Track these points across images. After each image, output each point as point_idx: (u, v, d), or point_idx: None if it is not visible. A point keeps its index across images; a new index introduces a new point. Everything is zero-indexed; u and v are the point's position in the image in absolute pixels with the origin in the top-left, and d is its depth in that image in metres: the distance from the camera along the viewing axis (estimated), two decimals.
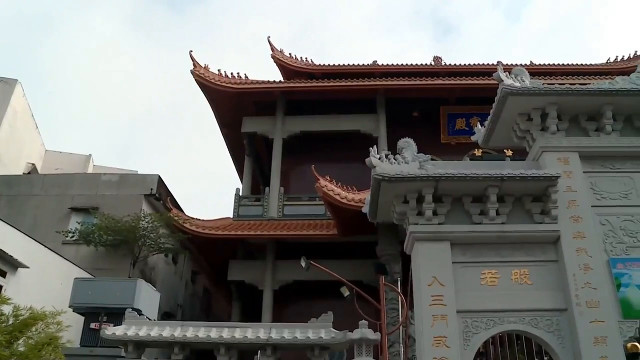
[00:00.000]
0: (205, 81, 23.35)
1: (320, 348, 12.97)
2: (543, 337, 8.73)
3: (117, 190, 22.28)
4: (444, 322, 8.47)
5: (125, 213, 20.07)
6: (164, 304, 20.45)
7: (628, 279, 8.94)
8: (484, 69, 23.92)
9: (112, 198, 21.89)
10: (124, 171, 27.17)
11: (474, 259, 9.11)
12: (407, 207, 9.17)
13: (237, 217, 22.74)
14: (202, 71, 23.53)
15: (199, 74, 23.36)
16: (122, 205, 21.27)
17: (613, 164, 9.95)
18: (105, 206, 21.27)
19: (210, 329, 13.20)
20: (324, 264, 15.17)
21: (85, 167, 30.47)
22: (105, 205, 21.35)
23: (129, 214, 19.99)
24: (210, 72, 23.75)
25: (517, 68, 10.66)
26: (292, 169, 24.43)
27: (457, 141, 24.67)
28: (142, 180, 22.96)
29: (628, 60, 26.61)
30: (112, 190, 22.26)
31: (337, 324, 13.45)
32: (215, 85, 23.37)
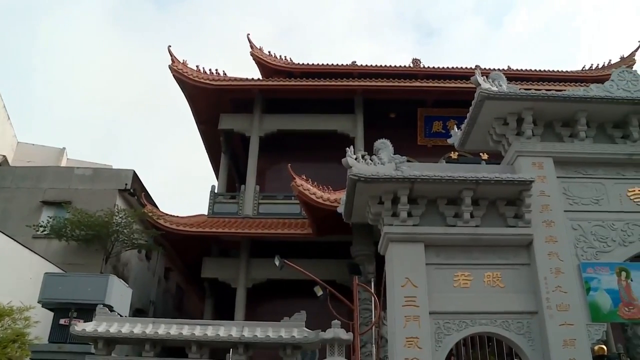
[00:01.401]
0: (183, 77, 23.20)
1: (293, 347, 12.93)
2: (514, 339, 8.81)
3: (91, 184, 22.01)
4: (417, 323, 8.50)
5: (98, 208, 19.83)
6: (136, 300, 20.25)
7: (597, 283, 9.08)
8: (462, 73, 24.11)
9: (85, 192, 21.61)
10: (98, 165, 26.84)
11: (447, 261, 9.17)
12: (382, 208, 9.19)
13: (212, 214, 22.62)
14: (180, 67, 23.36)
15: (177, 70, 23.19)
16: (96, 200, 21.02)
17: (586, 170, 10.09)
18: (78, 200, 20.98)
19: (183, 327, 13.08)
20: (298, 263, 15.16)
21: (58, 161, 30.01)
22: (78, 200, 21.06)
23: (103, 209, 19.76)
24: (189, 68, 23.60)
25: (494, 73, 10.74)
26: (268, 168, 24.38)
27: (433, 143, 24.83)
28: (116, 175, 22.71)
29: (602, 69, 27.01)
30: (85, 185, 21.98)
31: (310, 324, 13.42)
32: (193, 81, 23.23)
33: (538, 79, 24.87)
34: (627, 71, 10.70)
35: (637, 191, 10.03)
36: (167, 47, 23.63)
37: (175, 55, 23.60)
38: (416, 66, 26.50)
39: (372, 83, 23.64)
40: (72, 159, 30.97)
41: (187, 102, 24.61)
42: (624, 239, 9.56)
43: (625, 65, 24.35)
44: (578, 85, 22.08)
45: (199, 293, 25.73)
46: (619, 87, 10.32)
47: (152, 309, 24.05)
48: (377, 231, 9.84)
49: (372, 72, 25.05)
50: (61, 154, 31.02)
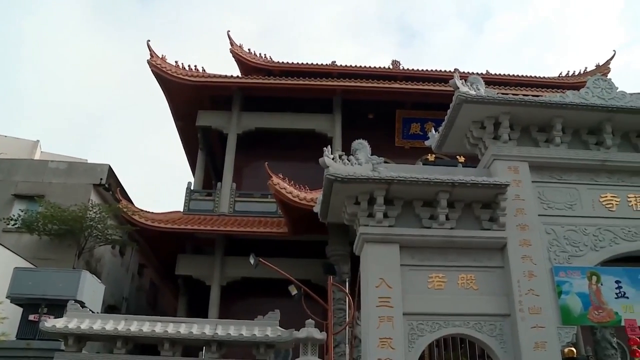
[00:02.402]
0: (162, 72, 22.99)
1: (266, 346, 12.91)
2: (486, 341, 8.89)
3: (65, 178, 21.68)
4: (390, 324, 8.53)
5: (72, 202, 19.55)
6: (108, 296, 20.04)
7: (569, 287, 9.20)
8: (441, 76, 24.25)
9: (59, 186, 21.28)
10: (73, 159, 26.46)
11: (422, 263, 9.21)
12: (358, 208, 9.21)
13: (187, 211, 22.46)
14: (159, 62, 23.15)
15: (156, 65, 22.98)
16: (70, 194, 20.72)
17: (560, 175, 10.22)
18: (51, 194, 20.66)
19: (155, 324, 12.98)
20: (273, 261, 15.13)
21: (32, 153, 29.53)
22: (51, 194, 20.74)
23: (77, 204, 19.49)
24: (167, 63, 23.40)
25: (473, 76, 10.82)
26: (245, 165, 24.27)
27: (411, 145, 24.93)
28: (91, 170, 22.41)
29: (579, 76, 27.35)
30: (59, 179, 21.64)
31: (284, 323, 13.41)
32: (172, 76, 23.04)
33: (516, 84, 25.09)
34: (602, 79, 10.85)
35: (609, 197, 10.19)
36: (146, 41, 23.43)
37: (155, 50, 23.40)
38: (395, 68, 26.57)
39: (351, 83, 23.66)
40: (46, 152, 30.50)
41: (165, 97, 24.40)
42: (596, 243, 9.70)
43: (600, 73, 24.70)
44: (555, 91, 22.38)
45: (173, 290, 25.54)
46: (594, 95, 10.47)
47: (125, 305, 23.81)
48: (352, 231, 9.86)
49: (351, 72, 25.06)
50: (35, 147, 30.55)
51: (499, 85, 23.56)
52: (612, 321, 9.23)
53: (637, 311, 9.24)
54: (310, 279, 17.93)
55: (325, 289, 13.86)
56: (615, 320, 9.20)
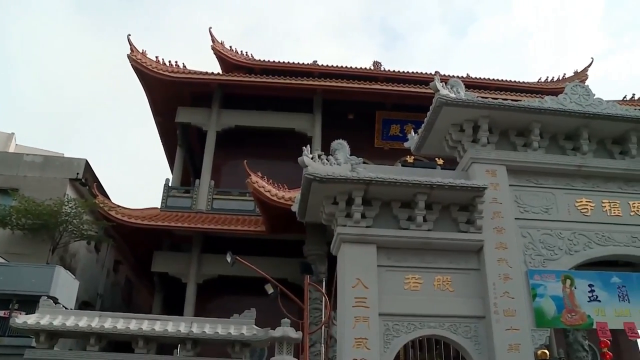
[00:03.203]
0: (142, 67, 22.78)
1: (242, 345, 12.87)
2: (461, 343, 8.95)
3: (41, 172, 21.38)
4: (366, 324, 8.55)
5: (47, 197, 19.29)
6: (82, 293, 19.80)
7: (543, 290, 9.31)
8: (421, 78, 24.33)
9: (34, 180, 20.98)
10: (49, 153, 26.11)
11: (398, 264, 9.24)
12: (336, 208, 9.21)
13: (165, 207, 22.31)
14: (139, 56, 22.93)
15: (136, 59, 22.75)
16: (45, 188, 20.42)
17: (537, 179, 10.32)
18: (26, 188, 20.36)
19: (130, 321, 12.88)
20: (250, 260, 15.09)
21: (6, 146, 29.04)
22: (26, 187, 20.43)
23: (52, 198, 19.24)
24: (148, 58, 23.19)
25: (453, 79, 10.87)
26: (224, 163, 24.15)
27: (390, 146, 25.01)
28: (68, 164, 22.14)
29: (557, 82, 27.66)
30: (34, 172, 21.34)
31: (260, 321, 13.38)
32: (152, 72, 22.84)
33: (496, 88, 25.29)
34: (580, 86, 10.98)
35: (584, 202, 10.32)
36: (127, 36, 23.20)
37: (135, 45, 23.18)
38: (377, 69, 26.63)
39: (332, 83, 23.65)
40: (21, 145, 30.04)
41: (145, 93, 24.19)
42: (570, 247, 9.82)
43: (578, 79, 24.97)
44: (533, 96, 22.63)
45: (149, 287, 25.33)
46: (572, 101, 10.59)
47: (99, 302, 23.55)
48: (330, 231, 9.86)
49: (332, 72, 25.06)
50: (9, 139, 30.07)
51: (479, 88, 23.67)
52: (584, 324, 9.36)
53: (609, 314, 9.39)
54: (287, 278, 17.90)
55: (302, 289, 13.83)
56: (587, 323, 9.33)
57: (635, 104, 24.08)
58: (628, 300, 9.57)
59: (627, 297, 9.60)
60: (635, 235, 10.19)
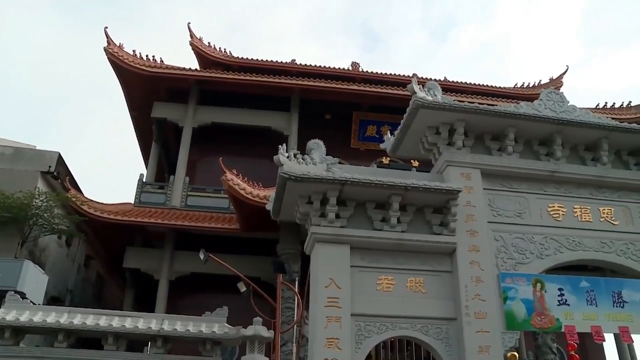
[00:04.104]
0: (119, 60, 22.52)
1: (213, 342, 12.79)
2: (432, 344, 9.02)
3: (11, 164, 20.96)
4: (338, 324, 8.56)
5: (17, 189, 18.91)
6: (52, 288, 19.52)
7: (514, 293, 9.41)
8: (399, 80, 24.40)
9: (4, 172, 20.51)
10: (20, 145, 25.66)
11: (372, 264, 9.27)
12: (310, 207, 9.21)
13: (138, 203, 22.08)
14: (116, 50, 22.67)
15: (112, 53, 22.49)
16: (15, 180, 19.97)
17: (511, 184, 10.44)
18: None
19: (100, 317, 12.70)
20: (223, 258, 15.01)
21: None
22: None
23: (22, 191, 18.91)
24: (125, 52, 22.93)
25: (430, 82, 10.94)
26: (199, 160, 24.01)
27: (366, 147, 25.08)
28: (40, 157, 21.75)
29: (533, 88, 27.97)
30: (4, 164, 20.90)
31: (232, 320, 13.32)
32: (129, 66, 22.59)
33: (472, 92, 25.47)
34: (555, 92, 11.13)
35: (556, 207, 10.46)
36: (104, 28, 22.93)
37: (112, 38, 22.91)
38: (355, 70, 26.68)
39: (310, 83, 23.62)
40: None
41: (121, 87, 23.93)
42: (542, 252, 9.95)
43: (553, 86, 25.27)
44: (509, 101, 22.88)
45: (120, 283, 25.03)
46: (547, 107, 10.73)
47: (69, 297, 23.19)
48: (304, 230, 9.85)
49: (310, 71, 25.04)
50: None
51: (456, 92, 23.87)
52: (553, 327, 9.50)
53: (577, 318, 9.54)
54: (260, 276, 17.85)
55: (275, 287, 13.81)
56: (556, 326, 9.47)
57: (607, 112, 24.45)
58: (596, 304, 9.74)
59: (595, 301, 9.76)
60: (604, 240, 10.37)
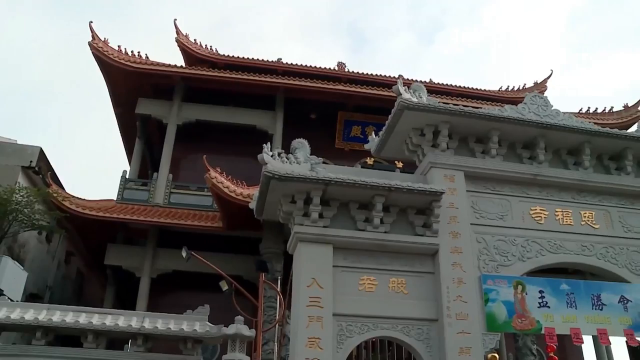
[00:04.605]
0: (103, 55, 22.36)
1: (194, 341, 12.72)
2: (413, 345, 9.03)
3: None
4: (319, 324, 8.55)
5: None
6: (31, 284, 19.31)
7: (496, 295, 9.46)
8: (385, 81, 24.46)
9: None
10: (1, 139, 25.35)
11: (354, 264, 9.27)
12: (294, 207, 9.19)
13: (121, 200, 21.95)
14: (101, 45, 22.50)
15: (97, 47, 22.32)
16: None
17: (494, 186, 10.49)
18: None
19: (80, 314, 12.57)
20: (205, 256, 14.95)
21: None
22: None
23: (2, 185, 18.66)
24: (110, 47, 22.77)
25: (416, 84, 10.96)
26: (183, 157, 23.90)
27: (351, 147, 25.12)
28: (21, 151, 21.50)
29: (517, 91, 28.19)
30: None
31: (214, 318, 13.26)
32: (113, 61, 22.43)
33: (457, 95, 25.60)
34: (539, 96, 11.19)
35: (538, 210, 10.53)
36: (89, 22, 22.74)
37: (97, 33, 22.73)
38: (341, 70, 26.70)
39: (295, 82, 23.61)
40: None
41: (105, 82, 23.74)
42: (523, 254, 10.01)
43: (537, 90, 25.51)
44: (494, 104, 23.02)
45: (101, 281, 24.85)
46: (530, 111, 10.79)
47: (48, 294, 22.96)
48: (287, 230, 9.84)
49: (296, 71, 25.03)
50: None
51: (442, 94, 23.96)
52: (533, 329, 9.55)
53: (557, 320, 9.61)
54: (242, 275, 17.83)
55: (257, 286, 13.78)
56: (536, 328, 9.52)
57: (590, 117, 24.71)
58: (575, 307, 9.81)
59: (575, 303, 9.84)
60: (585, 244, 10.45)
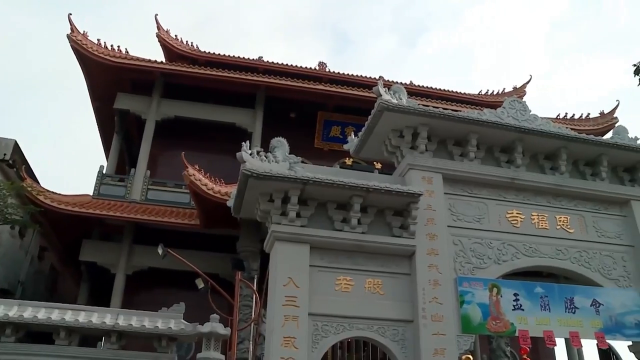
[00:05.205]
0: (82, 49, 22.09)
1: (168, 339, 12.64)
2: (388, 346, 9.05)
3: None
4: (295, 323, 8.53)
5: None
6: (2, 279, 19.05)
7: (471, 297, 9.53)
8: (365, 81, 24.52)
9: None
10: None
11: (331, 264, 9.26)
12: (271, 206, 9.16)
13: (97, 195, 21.71)
14: (80, 38, 22.23)
15: (76, 40, 22.05)
16: None
17: (471, 189, 10.56)
18: None
19: (52, 311, 12.42)
20: (182, 253, 14.87)
21: None
22: None
23: None
24: (89, 41, 22.50)
25: (396, 85, 10.99)
26: (161, 153, 23.71)
27: (330, 147, 25.13)
28: None
29: (497, 95, 28.41)
30: None
31: (189, 316, 13.19)
32: (92, 55, 22.18)
33: (437, 97, 25.72)
34: (518, 101, 11.29)
35: (514, 214, 10.62)
36: (68, 15, 22.45)
37: (76, 26, 22.46)
38: (322, 69, 26.71)
39: (276, 80, 23.56)
40: None
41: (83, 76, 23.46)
42: (499, 257, 10.09)
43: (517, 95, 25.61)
44: (473, 107, 23.17)
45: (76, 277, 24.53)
46: (509, 115, 10.88)
47: (20, 290, 22.61)
48: (264, 228, 9.80)
49: (277, 69, 24.97)
50: None
51: (422, 96, 24.02)
52: (507, 331, 9.64)
53: (531, 323, 9.71)
54: (218, 273, 17.77)
55: (233, 285, 13.74)
56: (510, 331, 9.61)
57: (567, 122, 24.98)
58: (549, 310, 9.92)
59: (549, 306, 9.94)
60: (560, 248, 10.57)
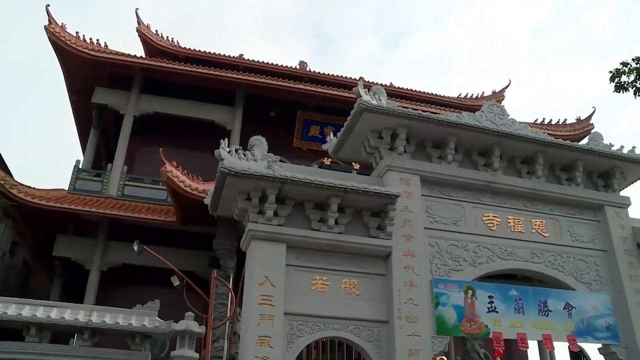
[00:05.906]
0: (60, 41, 21.78)
1: (143, 336, 12.51)
2: (363, 346, 9.08)
3: None
4: (270, 323, 8.52)
5: None
6: None
7: (446, 299, 9.59)
8: (346, 82, 24.53)
9: None
10: None
11: (307, 264, 9.27)
12: (249, 204, 9.13)
13: (73, 190, 21.44)
14: (58, 30, 21.91)
15: (54, 32, 21.72)
16: None
17: (449, 192, 10.63)
18: None
19: (23, 307, 12.21)
20: (158, 250, 14.74)
21: None
22: None
23: None
24: (67, 33, 22.20)
25: (376, 87, 11.02)
26: (139, 149, 23.48)
27: (309, 147, 25.09)
28: None
29: (476, 99, 28.58)
30: None
31: (164, 314, 13.09)
32: (70, 47, 21.88)
33: (417, 99, 25.78)
34: (496, 105, 11.38)
35: (491, 217, 10.72)
36: (45, 6, 22.12)
37: (54, 17, 22.16)
38: (302, 69, 26.65)
39: (256, 79, 23.46)
40: None
41: (61, 69, 23.17)
42: (475, 259, 10.17)
43: (495, 99, 25.96)
44: (452, 110, 23.34)
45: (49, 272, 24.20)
46: (487, 119, 10.97)
47: None
48: (241, 227, 9.77)
49: (257, 67, 24.88)
50: None
51: (401, 98, 24.10)
52: (481, 333, 9.73)
53: (505, 325, 9.81)
54: (194, 271, 17.63)
55: (209, 283, 13.66)
56: (484, 333, 9.70)
57: (544, 127, 25.22)
58: (523, 312, 10.03)
59: (522, 309, 10.05)
60: (535, 251, 10.69)
